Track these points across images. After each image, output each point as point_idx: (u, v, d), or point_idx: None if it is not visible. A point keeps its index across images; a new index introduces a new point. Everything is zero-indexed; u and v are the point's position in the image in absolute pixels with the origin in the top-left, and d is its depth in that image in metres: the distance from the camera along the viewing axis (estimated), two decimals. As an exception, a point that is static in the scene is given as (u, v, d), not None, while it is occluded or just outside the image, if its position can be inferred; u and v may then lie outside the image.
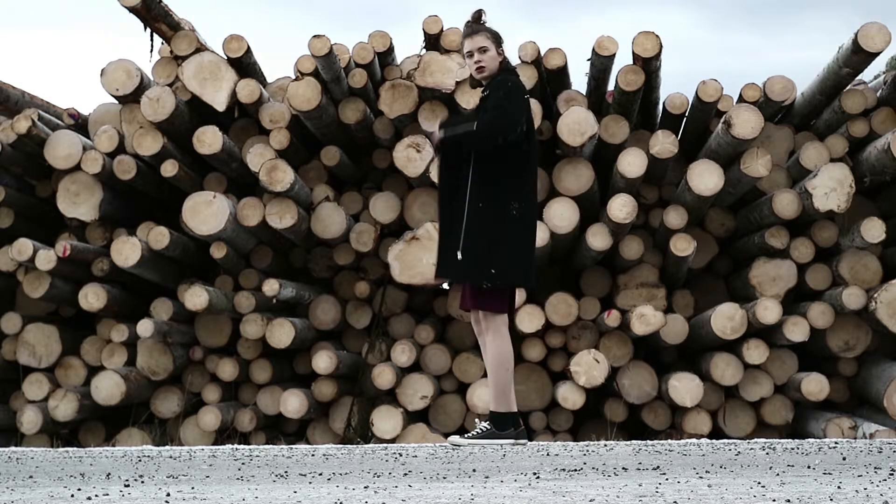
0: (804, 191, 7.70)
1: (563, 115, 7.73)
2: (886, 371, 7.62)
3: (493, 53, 5.60)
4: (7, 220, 8.30)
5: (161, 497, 3.13)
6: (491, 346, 5.52)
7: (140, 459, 4.91)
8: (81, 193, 8.10)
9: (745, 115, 7.58)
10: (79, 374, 8.15)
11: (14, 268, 8.11)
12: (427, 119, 7.87)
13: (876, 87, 8.34)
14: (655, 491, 3.13)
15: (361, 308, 8.31)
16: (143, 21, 7.98)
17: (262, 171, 7.68)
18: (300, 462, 4.64)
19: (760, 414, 7.92)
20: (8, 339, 8.23)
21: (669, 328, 7.81)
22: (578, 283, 8.33)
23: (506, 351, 5.52)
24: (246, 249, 8.20)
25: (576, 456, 4.78)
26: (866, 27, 7.53)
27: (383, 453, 5.16)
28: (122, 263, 7.76)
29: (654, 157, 7.77)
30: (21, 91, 8.80)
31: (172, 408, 8.13)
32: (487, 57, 5.60)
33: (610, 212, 7.63)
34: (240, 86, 7.94)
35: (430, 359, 8.10)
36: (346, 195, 8.33)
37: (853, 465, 4.05)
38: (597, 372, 7.65)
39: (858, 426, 7.52)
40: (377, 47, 8.13)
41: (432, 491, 3.22)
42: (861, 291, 7.62)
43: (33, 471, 4.34)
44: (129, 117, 8.16)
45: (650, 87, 8.10)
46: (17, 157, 8.24)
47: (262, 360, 8.13)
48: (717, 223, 8.30)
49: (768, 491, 3.09)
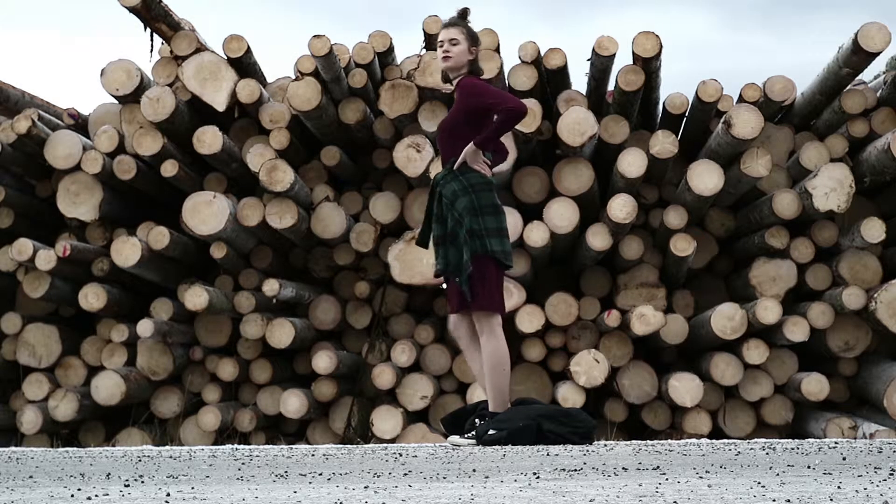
0: (804, 191, 7.70)
1: (563, 115, 7.73)
2: (886, 371, 7.62)
3: (462, 48, 5.64)
4: (7, 220, 8.30)
5: (161, 497, 3.12)
6: (487, 347, 5.50)
7: (140, 459, 4.91)
8: (81, 193, 8.10)
9: (745, 115, 7.58)
10: (79, 374, 8.15)
11: (14, 268, 8.12)
12: (427, 119, 7.87)
13: (876, 87, 8.34)
14: (655, 491, 3.12)
15: (361, 308, 8.31)
16: (143, 21, 7.98)
17: (262, 171, 7.68)
18: (300, 462, 4.64)
19: (760, 414, 7.92)
20: (8, 339, 8.23)
21: (669, 328, 7.82)
22: (578, 283, 8.33)
23: (502, 352, 5.51)
24: (246, 249, 8.20)
25: (576, 456, 4.78)
26: (866, 27, 7.53)
27: (383, 453, 5.16)
28: (122, 263, 7.76)
29: (654, 157, 7.77)
30: (21, 91, 8.81)
31: (172, 408, 8.13)
32: (456, 49, 5.63)
33: (610, 212, 7.63)
34: (240, 86, 7.94)
35: (430, 359, 8.10)
36: (346, 195, 8.33)
37: (853, 465, 4.05)
38: (597, 372, 7.65)
39: (858, 426, 7.52)
40: (377, 47, 8.13)
41: (432, 491, 3.22)
42: (861, 291, 7.62)
43: (33, 471, 4.33)
44: (129, 117, 8.16)
45: (650, 87, 8.11)
46: (17, 157, 8.24)
47: (262, 360, 8.13)
48: (717, 223, 8.30)
49: (768, 491, 3.09)
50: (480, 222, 5.48)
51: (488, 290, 5.49)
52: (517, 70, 8.01)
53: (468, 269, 5.45)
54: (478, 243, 5.47)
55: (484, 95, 5.56)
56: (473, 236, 5.47)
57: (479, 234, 5.47)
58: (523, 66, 7.98)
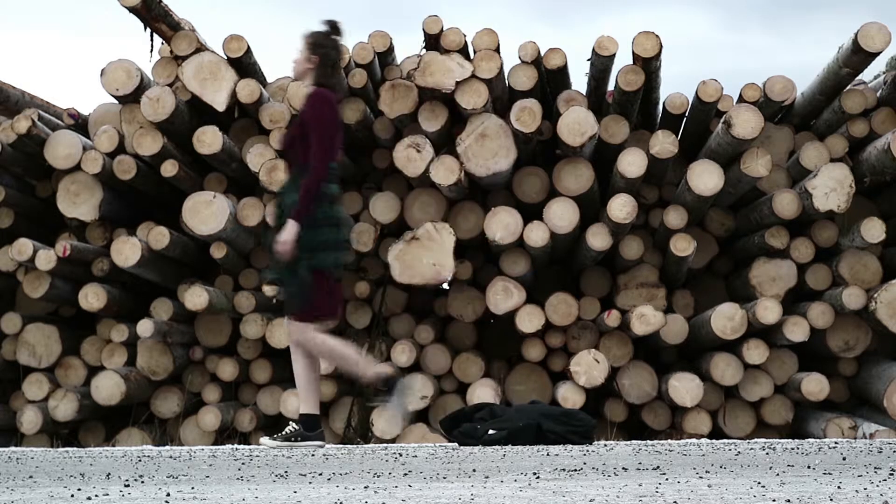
0: (804, 191, 7.70)
1: (563, 115, 7.73)
2: (886, 371, 7.62)
3: (301, 58, 5.83)
4: (7, 220, 8.30)
5: (161, 497, 3.12)
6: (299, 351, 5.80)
7: (140, 459, 4.91)
8: (81, 193, 8.10)
9: (745, 115, 7.57)
10: (79, 374, 8.15)
11: (14, 268, 8.11)
12: (427, 119, 7.87)
13: (876, 87, 8.34)
14: (655, 491, 3.12)
15: (361, 308, 8.30)
16: (143, 21, 7.98)
17: (262, 171, 7.68)
18: (300, 462, 4.64)
19: (760, 414, 7.91)
20: (8, 339, 8.22)
21: (669, 328, 7.81)
22: (578, 283, 8.33)
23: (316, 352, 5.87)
24: (246, 249, 8.20)
25: (576, 456, 4.78)
26: (866, 27, 7.53)
27: (383, 453, 5.16)
28: (122, 263, 7.76)
29: (654, 157, 7.77)
30: (21, 91, 8.80)
31: (172, 408, 8.13)
32: (297, 60, 5.85)
33: (610, 212, 7.63)
34: (240, 86, 7.94)
35: (430, 359, 8.10)
36: (345, 195, 8.32)
37: (853, 465, 4.05)
38: (597, 372, 7.65)
39: (858, 426, 7.52)
40: (377, 47, 8.13)
41: (432, 491, 3.22)
42: (861, 291, 7.62)
43: (33, 471, 4.34)
44: (129, 117, 8.15)
45: (650, 87, 8.10)
46: (17, 157, 8.23)
47: (262, 360, 8.13)
48: (717, 223, 8.30)
49: (768, 491, 3.09)
50: (316, 236, 5.59)
51: (311, 301, 5.69)
52: (517, 70, 8.00)
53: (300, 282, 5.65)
54: (310, 256, 5.64)
55: (312, 121, 5.69)
56: (303, 249, 5.56)
57: (312, 247, 5.58)
58: (523, 66, 7.98)
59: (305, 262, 5.63)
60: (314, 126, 5.64)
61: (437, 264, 7.74)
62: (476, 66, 7.72)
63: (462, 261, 8.05)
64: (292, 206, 5.63)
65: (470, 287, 8.20)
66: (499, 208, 7.84)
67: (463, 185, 7.84)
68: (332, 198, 5.77)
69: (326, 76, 5.78)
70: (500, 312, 7.88)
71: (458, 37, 7.85)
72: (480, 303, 8.08)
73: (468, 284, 8.20)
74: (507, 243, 7.79)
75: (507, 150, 7.78)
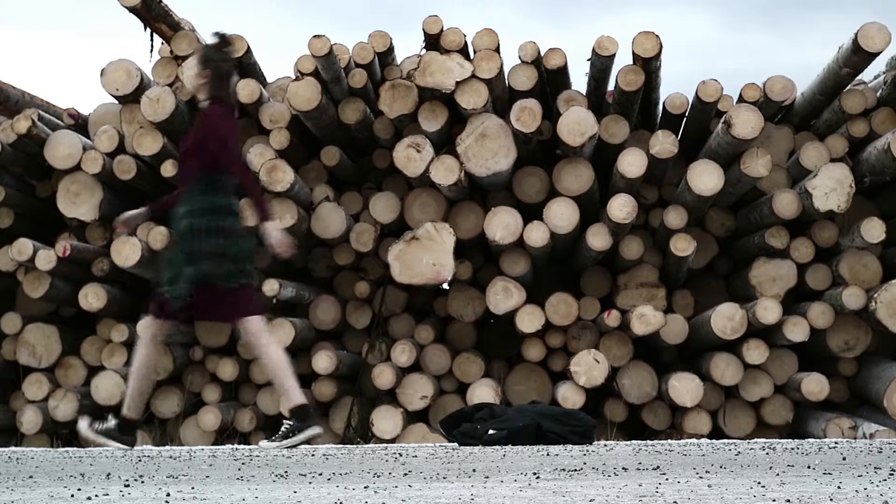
0: (804, 191, 7.70)
1: (563, 115, 7.73)
2: (886, 371, 7.62)
3: (192, 74, 6.07)
4: (7, 220, 8.30)
5: (161, 497, 3.12)
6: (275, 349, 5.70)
7: (140, 459, 4.91)
8: (81, 193, 8.10)
9: (745, 115, 7.57)
10: (79, 374, 8.15)
11: (14, 268, 8.11)
12: (427, 119, 7.87)
13: (876, 87, 8.34)
14: (655, 491, 3.12)
15: (361, 308, 8.31)
16: (143, 21, 7.98)
17: (262, 171, 7.68)
18: (300, 462, 4.64)
19: (760, 414, 7.91)
20: (8, 339, 8.23)
21: (669, 328, 7.81)
22: (578, 283, 8.33)
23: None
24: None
25: (576, 456, 4.78)
26: (866, 27, 7.53)
27: (383, 453, 5.16)
28: (122, 263, 7.76)
29: (654, 157, 7.77)
30: (21, 91, 8.80)
31: (172, 408, 8.13)
32: (189, 76, 6.07)
33: (610, 212, 7.63)
34: (240, 86, 7.94)
35: (430, 359, 8.10)
36: (346, 195, 8.32)
37: (853, 465, 4.05)
38: (597, 372, 7.65)
39: (858, 426, 7.52)
40: (377, 47, 8.13)
41: (432, 491, 3.22)
42: (861, 291, 7.62)
43: (33, 471, 4.34)
44: (129, 117, 8.15)
45: (650, 87, 8.10)
46: (17, 157, 8.24)
47: (262, 360, 8.12)
48: (717, 223, 8.30)
49: (768, 491, 3.09)
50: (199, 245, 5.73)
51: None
52: (517, 70, 8.01)
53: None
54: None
55: (211, 142, 5.68)
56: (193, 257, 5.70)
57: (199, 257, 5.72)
58: (523, 66, 7.98)
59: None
60: (221, 144, 5.67)
61: (437, 264, 7.74)
62: (476, 66, 7.73)
63: (462, 261, 8.06)
64: (184, 216, 5.65)
65: (470, 287, 8.21)
66: (499, 208, 7.84)
67: (463, 185, 7.84)
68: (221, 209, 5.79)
69: (218, 88, 5.80)
70: (500, 312, 7.88)
71: (458, 37, 7.85)
72: (480, 303, 8.09)
73: (468, 284, 8.21)
74: (507, 243, 7.79)
75: (507, 150, 7.79)
